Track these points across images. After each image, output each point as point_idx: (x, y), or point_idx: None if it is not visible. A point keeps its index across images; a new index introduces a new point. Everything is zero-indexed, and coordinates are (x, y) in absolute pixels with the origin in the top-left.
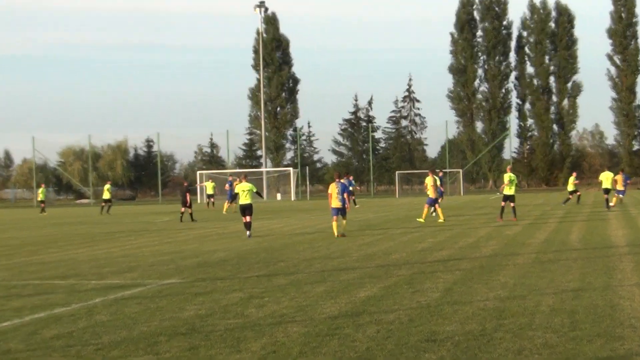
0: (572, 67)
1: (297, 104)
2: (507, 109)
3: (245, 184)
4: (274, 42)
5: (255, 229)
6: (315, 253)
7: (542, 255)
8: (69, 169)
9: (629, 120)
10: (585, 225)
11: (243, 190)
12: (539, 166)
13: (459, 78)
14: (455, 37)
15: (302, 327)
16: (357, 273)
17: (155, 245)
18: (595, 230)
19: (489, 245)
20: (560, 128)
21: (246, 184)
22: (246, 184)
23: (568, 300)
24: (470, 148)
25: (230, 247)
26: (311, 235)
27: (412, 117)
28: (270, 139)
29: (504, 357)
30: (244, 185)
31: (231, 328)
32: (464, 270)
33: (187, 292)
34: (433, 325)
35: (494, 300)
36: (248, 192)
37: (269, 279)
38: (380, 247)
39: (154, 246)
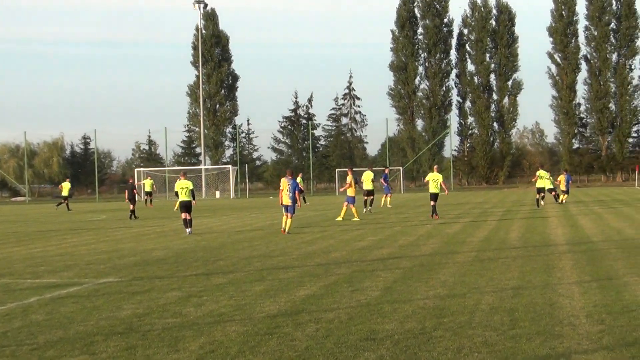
0: (513, 65)
1: (236, 101)
2: (447, 107)
3: (185, 181)
4: (213, 38)
5: (194, 227)
6: (254, 252)
7: (482, 253)
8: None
9: (569, 119)
10: (524, 224)
11: (182, 188)
12: (479, 164)
13: (399, 75)
14: (396, 35)
15: (240, 326)
16: (296, 272)
17: (91, 244)
18: (534, 228)
19: (429, 243)
20: (500, 126)
21: (186, 182)
22: (186, 182)
23: (507, 298)
24: (410, 146)
25: (169, 246)
26: (250, 234)
27: (353, 115)
28: (209, 137)
29: (444, 356)
30: (183, 183)
31: (169, 327)
32: (404, 269)
33: (125, 291)
34: (372, 324)
35: (434, 298)
36: (187, 189)
37: (207, 277)
38: (320, 245)
39: (91, 245)
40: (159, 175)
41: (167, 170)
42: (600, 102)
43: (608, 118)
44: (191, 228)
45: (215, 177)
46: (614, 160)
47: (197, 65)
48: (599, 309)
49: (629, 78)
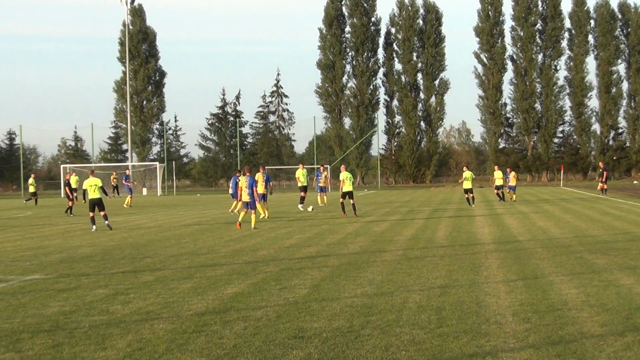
0: (440, 65)
1: (163, 98)
2: (375, 106)
3: (94, 179)
4: (140, 34)
5: (120, 224)
6: (182, 249)
7: (410, 252)
8: None
9: (495, 118)
10: (451, 223)
11: (91, 186)
12: (406, 163)
13: (327, 74)
14: (324, 33)
15: (168, 324)
16: (224, 269)
17: (17, 241)
18: (461, 227)
19: (356, 242)
20: (427, 125)
21: (94, 179)
22: (94, 179)
23: (435, 297)
24: (338, 144)
25: (95, 243)
26: (178, 231)
27: (280, 113)
28: (136, 133)
29: (372, 354)
30: (92, 181)
31: (96, 325)
32: (332, 267)
33: (51, 289)
34: (301, 322)
35: (362, 296)
36: (97, 187)
37: (134, 275)
38: (248, 243)
39: (16, 241)
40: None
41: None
42: (526, 102)
43: (534, 118)
44: (108, 221)
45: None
46: (540, 160)
47: (124, 61)
48: (525, 308)
49: (555, 79)
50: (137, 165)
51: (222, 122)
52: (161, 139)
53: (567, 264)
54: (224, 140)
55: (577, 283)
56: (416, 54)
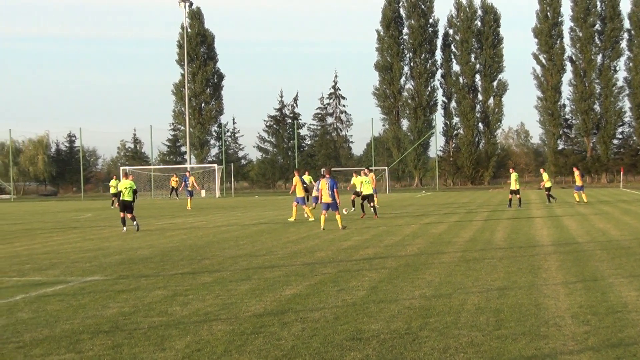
0: (498, 66)
1: (222, 100)
2: (432, 107)
3: (128, 181)
4: (198, 37)
5: (179, 226)
6: (240, 250)
7: (468, 253)
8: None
9: (554, 120)
10: (510, 224)
11: (126, 188)
12: (464, 164)
13: (385, 75)
14: (382, 35)
15: (227, 325)
16: (282, 271)
17: (77, 242)
18: (520, 229)
19: (414, 243)
20: (485, 127)
21: (129, 182)
22: (129, 182)
23: (493, 298)
24: (396, 146)
25: (154, 244)
26: (236, 233)
27: (338, 114)
28: (195, 135)
29: (430, 356)
30: (127, 183)
31: (155, 326)
32: (390, 269)
33: (110, 290)
34: (359, 324)
35: (420, 298)
36: (130, 189)
37: (193, 276)
38: (306, 245)
39: (76, 243)
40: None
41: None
42: (585, 103)
43: (593, 119)
44: (136, 221)
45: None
46: (599, 162)
47: (183, 64)
48: (585, 310)
49: (614, 79)
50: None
51: (280, 124)
52: (219, 141)
53: (626, 266)
54: (281, 142)
55: (637, 285)
56: (474, 55)
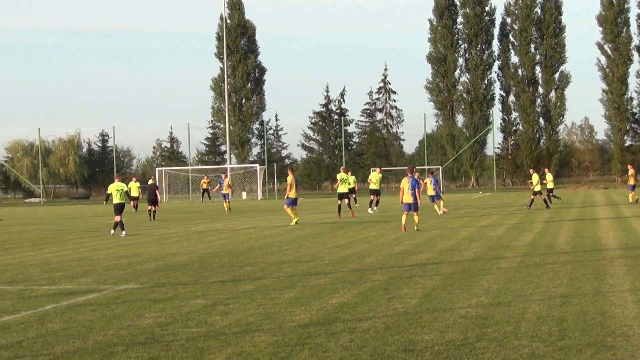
0: (560, 57)
1: (263, 96)
2: (490, 102)
3: (119, 183)
4: (238, 28)
5: (219, 231)
6: (283, 256)
7: (528, 258)
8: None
9: (620, 114)
10: (574, 227)
11: (117, 190)
12: (524, 163)
13: (438, 68)
14: (434, 24)
15: (270, 336)
16: (329, 278)
17: (110, 248)
18: (584, 232)
19: (470, 248)
20: (546, 122)
21: (120, 184)
22: (120, 184)
23: (556, 307)
24: (450, 143)
25: (192, 250)
26: (279, 238)
27: (388, 110)
28: (235, 133)
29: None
30: (118, 185)
31: (193, 337)
32: (444, 275)
33: (146, 299)
34: (411, 334)
35: (477, 307)
36: (122, 191)
37: (234, 284)
38: (354, 250)
39: (110, 249)
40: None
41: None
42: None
43: None
44: (125, 231)
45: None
46: None
47: (222, 57)
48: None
49: None
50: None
51: (326, 121)
52: (261, 139)
53: None
54: (328, 140)
55: None
56: (534, 45)
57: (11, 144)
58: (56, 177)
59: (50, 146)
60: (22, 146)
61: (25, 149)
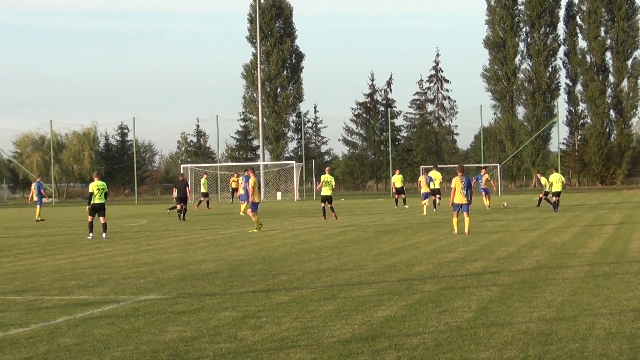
0: (633, 42)
1: (301, 85)
2: (554, 92)
3: (100, 182)
4: (273, 9)
5: (250, 235)
6: (322, 264)
7: (596, 268)
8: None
9: None
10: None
11: (99, 189)
12: (592, 160)
13: (496, 54)
14: (492, 4)
15: (307, 353)
16: (373, 288)
17: (130, 254)
18: None
19: (532, 255)
20: (618, 114)
21: (101, 182)
22: (101, 182)
23: (627, 322)
24: (510, 138)
25: (221, 257)
26: (318, 243)
27: (440, 101)
28: (269, 127)
29: None
30: (99, 184)
31: (222, 354)
32: (502, 286)
33: (169, 311)
34: (465, 352)
35: (538, 321)
36: (103, 191)
37: (267, 295)
38: (401, 257)
39: (129, 255)
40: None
41: (219, 166)
42: None
43: None
44: (106, 233)
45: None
46: None
47: (255, 42)
48: None
49: None
50: (270, 165)
51: (371, 113)
52: (298, 133)
53: None
54: (372, 134)
55: None
56: (604, 28)
57: (20, 137)
58: (70, 175)
59: (64, 140)
60: (32, 140)
61: (36, 143)
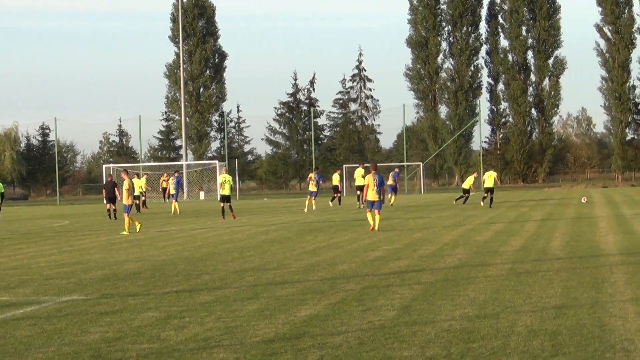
0: (554, 41)
1: (224, 84)
2: (476, 90)
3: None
4: (196, 8)
5: (173, 235)
6: (246, 264)
7: (518, 265)
8: None
9: (621, 104)
10: (569, 230)
11: None
12: (514, 159)
13: (418, 53)
14: (415, 4)
15: (230, 353)
16: (297, 288)
17: (52, 255)
18: (581, 235)
19: (454, 253)
20: (539, 113)
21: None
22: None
23: (549, 319)
24: (432, 137)
25: (144, 257)
26: (241, 243)
27: (363, 100)
28: (192, 126)
29: None
30: None
31: (145, 354)
32: (425, 284)
33: (92, 312)
34: (388, 350)
35: (461, 319)
36: None
37: (190, 295)
38: (325, 256)
39: (51, 256)
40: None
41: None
42: None
43: None
44: None
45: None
46: None
47: (177, 41)
48: None
49: None
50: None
51: (294, 112)
52: (221, 132)
53: None
54: (295, 133)
55: None
56: (526, 27)
57: None
58: None
59: None
60: None
61: None
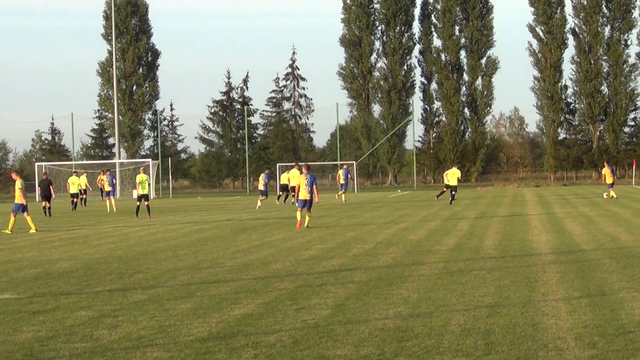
0: (487, 40)
1: (157, 82)
2: (409, 90)
3: None
4: (129, 6)
5: (106, 234)
6: (179, 263)
7: (452, 264)
8: None
9: (553, 104)
10: (502, 229)
11: None
12: (447, 158)
13: (352, 52)
14: (348, 3)
15: (164, 352)
16: (230, 287)
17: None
18: (513, 234)
19: (388, 252)
20: (472, 113)
21: None
22: None
23: (482, 318)
24: (366, 136)
25: (77, 256)
26: (175, 242)
27: (297, 99)
28: (125, 124)
29: None
30: None
31: (78, 353)
32: (359, 283)
33: (24, 310)
34: (322, 349)
35: (395, 318)
36: None
37: (123, 293)
38: (259, 255)
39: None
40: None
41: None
42: (590, 85)
43: (600, 103)
44: None
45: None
46: (607, 153)
47: (110, 39)
48: (590, 330)
49: (625, 56)
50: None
51: (227, 111)
52: (154, 131)
53: None
54: (229, 132)
55: None
56: (459, 27)
57: None
58: None
59: None
60: None
61: None
